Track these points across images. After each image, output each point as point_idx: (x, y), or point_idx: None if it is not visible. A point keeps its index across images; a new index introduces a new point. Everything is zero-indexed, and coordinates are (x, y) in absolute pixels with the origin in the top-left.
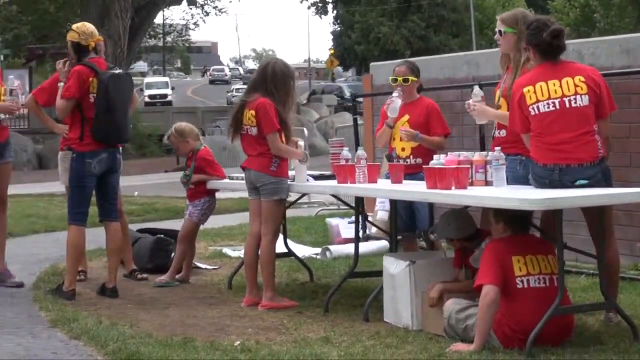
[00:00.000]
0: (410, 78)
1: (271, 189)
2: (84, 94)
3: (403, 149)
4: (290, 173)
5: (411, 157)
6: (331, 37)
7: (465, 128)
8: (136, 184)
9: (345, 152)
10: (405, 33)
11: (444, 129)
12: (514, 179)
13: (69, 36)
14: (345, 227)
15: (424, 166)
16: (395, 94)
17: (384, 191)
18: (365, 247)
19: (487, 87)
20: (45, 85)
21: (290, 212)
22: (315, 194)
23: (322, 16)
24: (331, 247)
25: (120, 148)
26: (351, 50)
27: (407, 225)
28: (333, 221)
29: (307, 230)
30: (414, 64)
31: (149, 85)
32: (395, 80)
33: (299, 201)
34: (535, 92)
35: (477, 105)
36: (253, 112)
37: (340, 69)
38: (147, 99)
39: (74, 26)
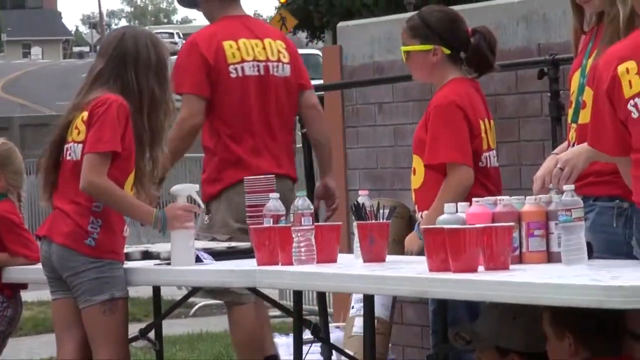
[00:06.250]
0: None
1: (90, 282)
2: None
3: None
4: (163, 247)
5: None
6: None
7: None
8: None
9: (273, 203)
10: None
11: None
12: (606, 244)
13: None
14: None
15: (421, 226)
16: None
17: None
18: None
19: None
20: None
21: (189, 324)
22: (208, 287)
23: None
24: None
25: None
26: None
27: None
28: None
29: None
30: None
31: None
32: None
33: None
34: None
35: None
36: (86, 114)
37: (302, 34)
38: None
39: None
